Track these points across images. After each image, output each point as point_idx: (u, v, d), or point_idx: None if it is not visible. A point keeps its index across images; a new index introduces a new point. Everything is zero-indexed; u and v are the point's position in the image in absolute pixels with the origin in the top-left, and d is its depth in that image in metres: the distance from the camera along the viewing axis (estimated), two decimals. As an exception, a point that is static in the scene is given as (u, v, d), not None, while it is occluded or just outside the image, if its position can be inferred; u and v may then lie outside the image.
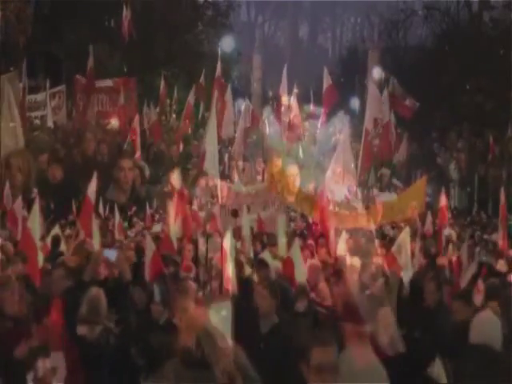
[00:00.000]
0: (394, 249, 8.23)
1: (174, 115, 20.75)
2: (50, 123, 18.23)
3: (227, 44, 26.36)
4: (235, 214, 11.87)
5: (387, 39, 30.32)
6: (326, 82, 19.44)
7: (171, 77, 21.37)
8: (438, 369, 5.88)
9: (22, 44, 21.29)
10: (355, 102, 24.81)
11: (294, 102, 20.25)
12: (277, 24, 53.05)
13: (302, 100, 20.88)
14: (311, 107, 20.84)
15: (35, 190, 13.51)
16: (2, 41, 20.14)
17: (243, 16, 47.19)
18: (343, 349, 4.89)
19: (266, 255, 8.62)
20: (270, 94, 23.40)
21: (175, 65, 23.40)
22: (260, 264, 8.02)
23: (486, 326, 5.34)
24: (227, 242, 6.84)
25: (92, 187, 8.88)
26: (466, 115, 23.40)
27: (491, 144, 20.19)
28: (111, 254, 7.62)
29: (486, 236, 13.45)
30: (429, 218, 12.60)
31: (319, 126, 20.12)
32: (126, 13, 21.44)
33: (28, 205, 11.61)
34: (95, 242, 8.36)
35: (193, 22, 26.49)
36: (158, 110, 20.15)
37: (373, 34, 31.94)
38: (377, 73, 21.07)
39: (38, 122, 18.30)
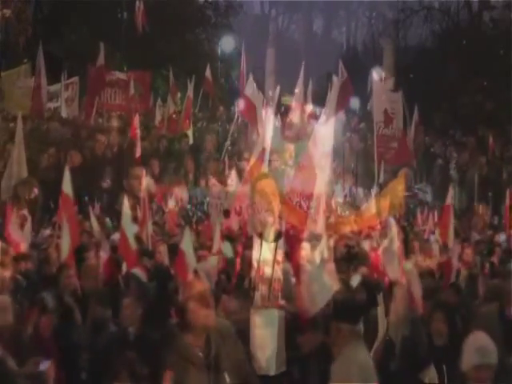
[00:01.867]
0: (380, 251, 7.88)
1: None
2: (64, 114, 18.18)
3: (227, 44, 26.38)
4: (227, 214, 11.79)
5: (393, 42, 30.28)
6: (342, 76, 18.98)
7: (172, 76, 21.33)
8: (431, 373, 5.89)
9: (22, 44, 21.31)
10: (361, 100, 24.48)
11: (294, 101, 20.15)
12: (291, 18, 52.74)
13: (309, 97, 20.64)
14: (314, 107, 20.69)
15: (35, 190, 13.43)
16: (2, 41, 20.16)
17: (256, 9, 47.02)
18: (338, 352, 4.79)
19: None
20: (270, 93, 23.30)
21: (175, 64, 23.39)
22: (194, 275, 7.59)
23: (480, 350, 4.98)
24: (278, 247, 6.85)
25: (66, 181, 8.47)
26: (465, 115, 23.41)
27: (491, 144, 20.19)
28: None
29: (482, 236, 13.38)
30: (430, 219, 12.58)
31: (319, 125, 19.98)
32: (139, 4, 21.51)
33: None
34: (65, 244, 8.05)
35: (193, 22, 26.54)
36: (171, 105, 19.99)
37: (388, 28, 31.72)
38: (377, 73, 20.95)
39: (50, 113, 18.18)
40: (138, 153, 16.57)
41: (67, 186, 8.46)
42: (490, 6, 27.69)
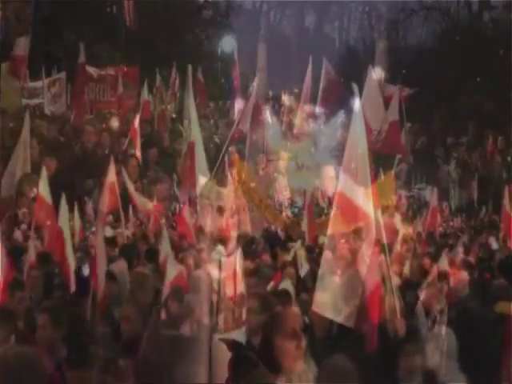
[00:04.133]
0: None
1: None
2: (47, 111, 18.09)
3: (227, 44, 26.33)
4: (221, 211, 11.63)
5: (387, 39, 30.25)
6: (326, 75, 18.76)
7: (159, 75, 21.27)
8: None
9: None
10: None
11: (294, 101, 20.07)
12: (283, 12, 52.39)
13: (309, 97, 20.53)
14: (312, 106, 20.62)
15: (35, 190, 13.39)
16: (2, 41, 20.12)
17: (248, 4, 46.71)
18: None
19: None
20: (270, 93, 23.28)
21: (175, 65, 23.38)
22: (108, 277, 7.25)
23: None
24: (238, 260, 6.26)
25: (43, 182, 8.34)
26: (465, 115, 23.38)
27: (491, 144, 20.20)
28: None
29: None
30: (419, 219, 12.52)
31: (320, 125, 19.97)
32: (128, 3, 21.57)
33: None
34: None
35: (193, 22, 26.50)
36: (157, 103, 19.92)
37: (380, 24, 31.65)
38: (377, 72, 20.86)
39: (34, 110, 18.03)
40: (138, 152, 16.57)
41: (44, 188, 8.24)
42: (490, 6, 27.69)
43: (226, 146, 16.46)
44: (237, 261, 6.29)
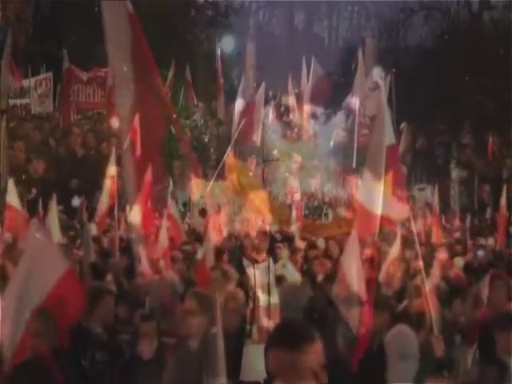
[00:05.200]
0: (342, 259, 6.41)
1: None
2: (34, 111, 18.03)
3: (227, 44, 26.30)
4: (204, 213, 11.60)
5: (387, 39, 30.21)
6: (315, 73, 18.86)
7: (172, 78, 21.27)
8: None
9: (22, 44, 21.28)
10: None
11: (293, 101, 20.09)
12: (272, 11, 52.30)
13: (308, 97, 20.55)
14: (311, 106, 20.66)
15: (34, 191, 13.34)
16: (2, 41, 20.11)
17: (236, 3, 46.43)
18: None
19: None
20: (270, 93, 23.28)
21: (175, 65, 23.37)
22: None
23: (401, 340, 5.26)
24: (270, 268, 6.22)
25: (11, 192, 8.35)
26: (465, 115, 23.37)
27: (491, 144, 20.19)
28: None
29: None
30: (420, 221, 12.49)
31: (319, 125, 20.00)
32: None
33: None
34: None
35: (193, 22, 26.48)
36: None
37: (370, 23, 31.64)
38: (377, 72, 20.90)
39: (20, 110, 17.97)
40: (138, 152, 16.52)
41: (13, 197, 8.28)
42: (490, 6, 27.68)
43: (229, 148, 16.50)
44: (270, 269, 6.34)
